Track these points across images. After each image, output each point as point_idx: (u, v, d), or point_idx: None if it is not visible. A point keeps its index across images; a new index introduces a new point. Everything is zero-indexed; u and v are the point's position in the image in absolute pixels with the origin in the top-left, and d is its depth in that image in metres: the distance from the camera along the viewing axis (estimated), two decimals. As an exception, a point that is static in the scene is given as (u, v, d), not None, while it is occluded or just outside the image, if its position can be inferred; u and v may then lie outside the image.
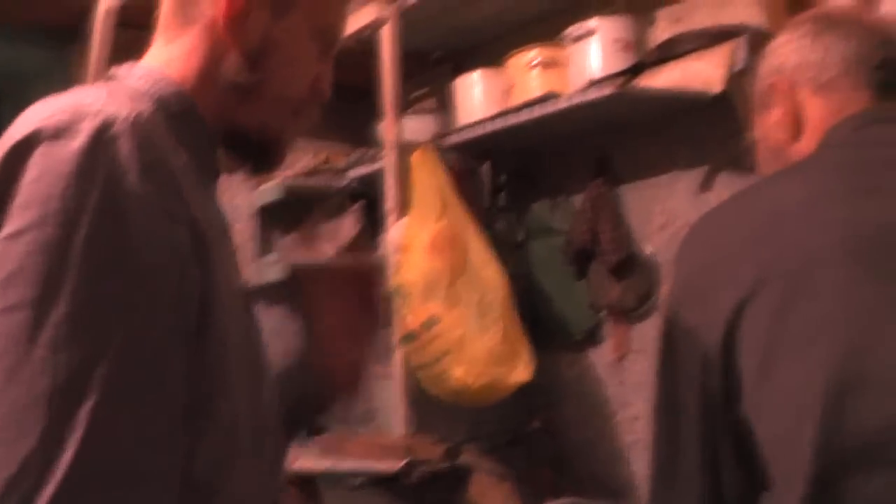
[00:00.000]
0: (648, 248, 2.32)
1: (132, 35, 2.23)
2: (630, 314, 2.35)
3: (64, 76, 2.31)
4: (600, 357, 2.44)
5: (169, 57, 1.02)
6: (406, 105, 2.66)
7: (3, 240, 0.78)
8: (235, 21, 0.99)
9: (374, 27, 2.40)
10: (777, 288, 1.03)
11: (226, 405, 0.90)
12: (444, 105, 2.63)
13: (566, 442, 2.49)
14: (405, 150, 2.35)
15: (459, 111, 2.47)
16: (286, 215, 2.83)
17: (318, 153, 2.84)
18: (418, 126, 2.55)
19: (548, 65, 2.26)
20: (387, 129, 2.40)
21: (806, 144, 1.22)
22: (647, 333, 2.32)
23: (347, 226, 2.89)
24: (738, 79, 1.87)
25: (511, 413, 2.29)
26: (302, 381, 1.18)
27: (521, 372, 2.12)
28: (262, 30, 1.01)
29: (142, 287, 0.80)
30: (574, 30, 2.14)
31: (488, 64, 2.49)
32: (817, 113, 1.22)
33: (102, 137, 0.82)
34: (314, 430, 2.17)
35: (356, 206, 2.73)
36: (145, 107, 0.90)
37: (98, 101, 0.86)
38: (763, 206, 1.14)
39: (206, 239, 0.88)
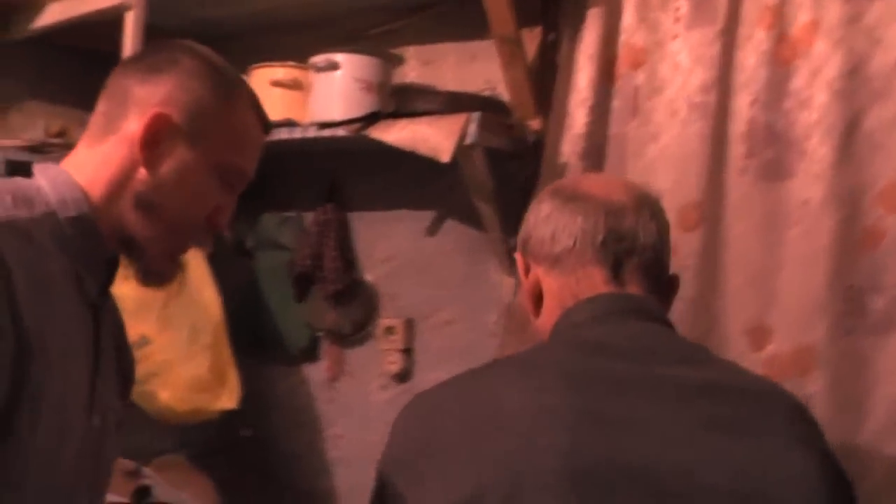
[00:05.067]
0: (369, 277, 2.20)
1: None
2: (345, 339, 2.23)
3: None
4: (314, 375, 2.32)
5: (85, 161, 1.04)
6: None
7: None
8: (150, 142, 1.01)
9: (120, 10, 2.07)
10: None
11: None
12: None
13: (273, 453, 2.37)
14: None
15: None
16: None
17: (51, 122, 2.39)
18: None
19: (290, 86, 2.05)
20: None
21: (543, 321, 1.17)
22: (361, 358, 2.23)
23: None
24: (468, 151, 1.76)
25: (220, 421, 2.12)
26: None
27: (227, 400, 1.97)
28: (174, 156, 1.02)
29: None
30: (319, 60, 1.94)
31: (235, 60, 2.23)
32: (553, 289, 1.15)
33: None
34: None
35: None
36: (23, 213, 0.93)
37: None
38: (485, 407, 1.00)
39: (33, 348, 0.88)
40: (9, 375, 0.85)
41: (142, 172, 1.01)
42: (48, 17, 2.23)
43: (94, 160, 1.03)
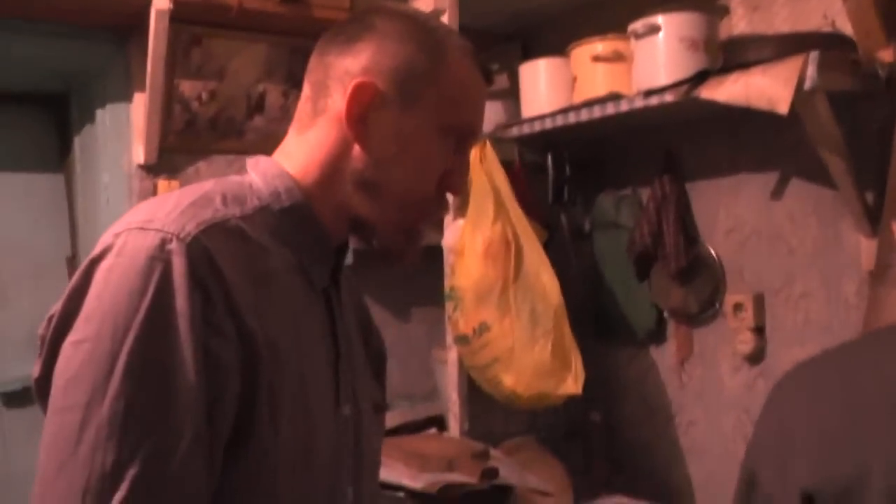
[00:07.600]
0: (713, 251, 2.00)
1: (186, 30, 2.09)
2: (693, 318, 2.05)
3: (125, 71, 2.22)
4: (662, 357, 2.17)
5: (295, 148, 0.96)
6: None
7: (70, 344, 0.79)
8: (357, 116, 0.91)
9: (434, 16, 2.09)
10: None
11: None
12: (512, 84, 2.32)
13: (623, 439, 2.25)
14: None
15: (524, 100, 2.16)
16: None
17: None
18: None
19: (612, 59, 1.93)
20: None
21: None
22: (710, 338, 2.04)
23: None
24: (808, 98, 1.52)
25: (570, 405, 2.04)
26: None
27: (571, 385, 1.87)
28: (388, 126, 0.92)
29: (173, 401, 0.77)
30: (638, 26, 1.80)
31: (556, 44, 2.15)
32: None
33: (157, 257, 0.79)
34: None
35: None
36: (234, 211, 0.87)
37: (165, 216, 0.83)
38: (873, 388, 0.83)
39: (260, 348, 0.82)
40: (239, 380, 0.81)
41: (356, 150, 0.92)
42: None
43: (305, 146, 0.95)
